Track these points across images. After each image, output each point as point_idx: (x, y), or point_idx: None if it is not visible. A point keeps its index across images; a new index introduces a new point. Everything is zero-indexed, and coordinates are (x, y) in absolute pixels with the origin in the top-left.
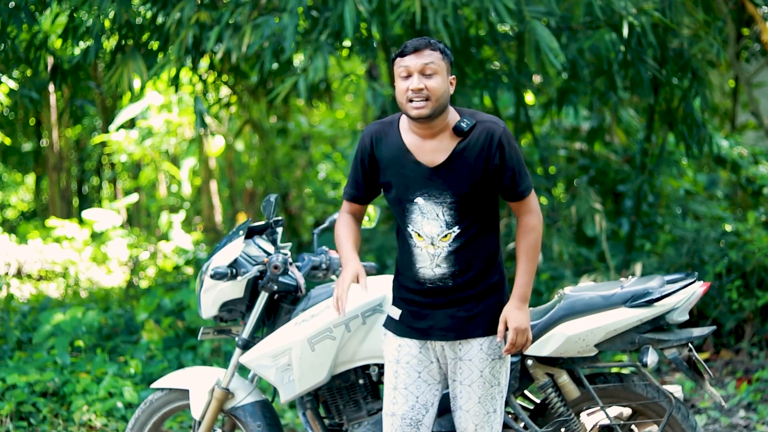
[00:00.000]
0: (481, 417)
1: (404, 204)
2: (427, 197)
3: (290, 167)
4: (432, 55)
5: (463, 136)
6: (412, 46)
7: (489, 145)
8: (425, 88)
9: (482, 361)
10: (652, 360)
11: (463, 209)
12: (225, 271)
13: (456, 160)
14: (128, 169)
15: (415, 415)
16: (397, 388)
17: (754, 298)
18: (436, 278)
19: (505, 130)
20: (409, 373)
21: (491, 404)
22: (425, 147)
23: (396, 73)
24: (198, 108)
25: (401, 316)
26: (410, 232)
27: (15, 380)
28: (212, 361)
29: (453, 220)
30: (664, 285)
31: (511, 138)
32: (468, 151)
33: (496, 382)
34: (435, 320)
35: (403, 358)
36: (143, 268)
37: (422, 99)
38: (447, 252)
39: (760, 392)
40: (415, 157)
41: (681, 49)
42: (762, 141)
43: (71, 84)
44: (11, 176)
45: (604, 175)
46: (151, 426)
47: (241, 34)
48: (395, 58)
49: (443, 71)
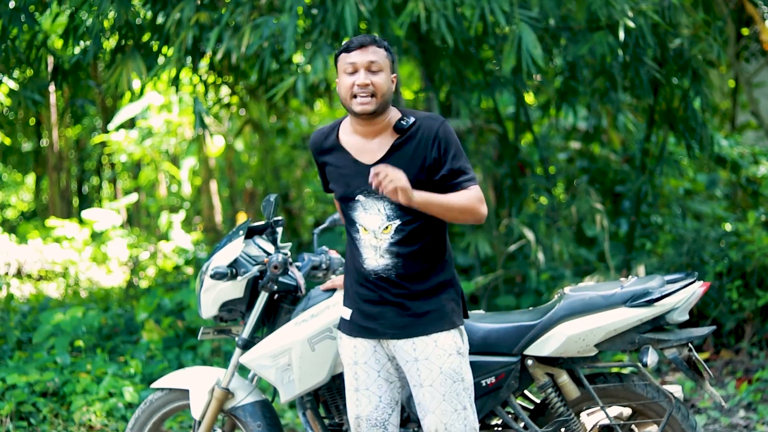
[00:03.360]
0: (449, 415)
1: (347, 202)
2: (366, 194)
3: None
4: (377, 52)
5: (402, 133)
6: (358, 42)
7: (426, 139)
8: (371, 83)
9: (440, 358)
10: (652, 360)
11: None
12: (225, 271)
13: (393, 156)
14: (128, 169)
15: (380, 416)
16: (359, 389)
17: (754, 298)
18: (380, 269)
19: (443, 125)
20: (368, 373)
21: (458, 401)
22: (365, 147)
23: (340, 69)
24: (197, 108)
25: (352, 315)
26: (357, 227)
27: (15, 380)
28: (212, 361)
29: (394, 213)
30: (664, 285)
31: (450, 133)
32: (406, 147)
33: (458, 377)
34: (384, 318)
35: (360, 358)
36: (143, 268)
37: (368, 95)
38: (388, 243)
39: (760, 392)
40: (354, 157)
41: (681, 50)
42: (762, 141)
43: (71, 84)
44: (11, 176)
45: (603, 175)
46: (151, 426)
47: (240, 35)
48: (339, 54)
49: (387, 68)
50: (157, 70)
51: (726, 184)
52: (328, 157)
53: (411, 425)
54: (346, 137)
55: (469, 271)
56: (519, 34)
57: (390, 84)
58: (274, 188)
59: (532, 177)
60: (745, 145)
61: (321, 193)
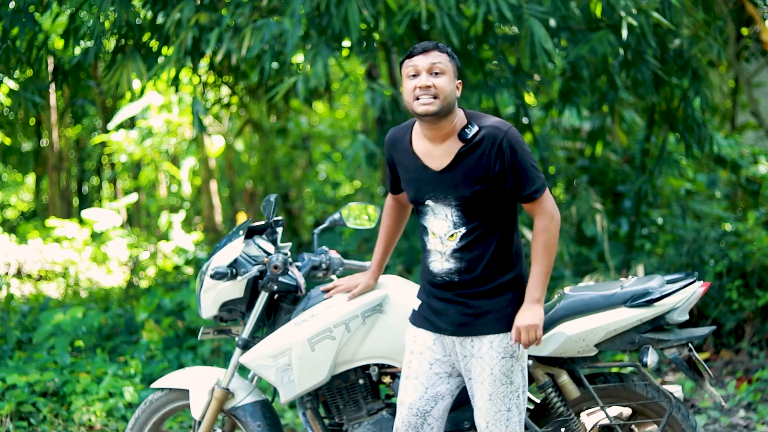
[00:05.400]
0: (492, 414)
1: (418, 205)
2: (435, 199)
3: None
4: (440, 56)
5: (466, 142)
6: (421, 47)
7: (490, 150)
8: (433, 85)
9: (492, 359)
10: (652, 360)
11: (469, 211)
12: (225, 271)
13: (458, 165)
14: (128, 169)
15: (423, 406)
16: (408, 377)
17: (754, 298)
18: (444, 272)
19: (508, 134)
20: (421, 363)
21: (503, 402)
22: (433, 152)
23: (404, 74)
24: (195, 108)
25: (420, 307)
26: (427, 230)
27: (15, 380)
28: (212, 361)
29: (460, 221)
30: (664, 285)
31: (516, 141)
32: (470, 156)
33: (507, 381)
34: (447, 315)
35: (417, 348)
36: (143, 268)
37: (430, 96)
38: (452, 250)
39: (760, 392)
40: (423, 162)
41: (681, 49)
42: (762, 141)
43: (72, 84)
44: (11, 176)
45: (604, 175)
46: (151, 426)
47: (241, 37)
48: (403, 61)
49: (450, 72)
50: (157, 70)
51: (726, 184)
52: (401, 158)
53: None
54: (416, 141)
55: None
56: (530, 30)
57: (453, 88)
58: (274, 188)
59: None
60: (745, 145)
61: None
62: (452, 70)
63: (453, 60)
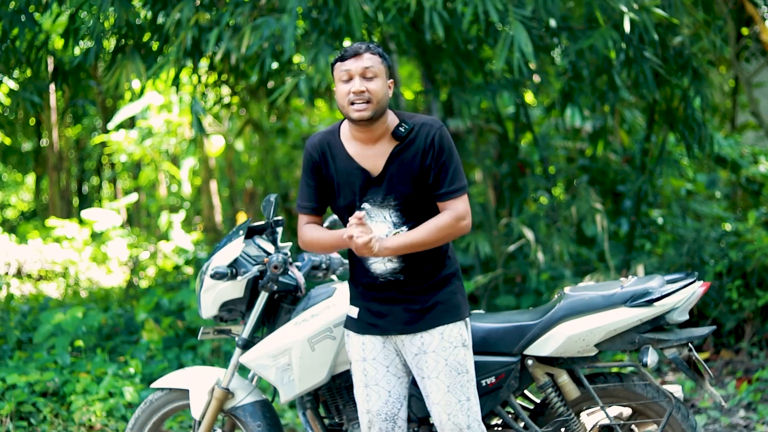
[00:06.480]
0: (452, 406)
1: (353, 210)
2: (373, 202)
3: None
4: (372, 59)
5: (401, 140)
6: (352, 50)
7: (424, 144)
8: (366, 90)
9: (445, 350)
10: (652, 360)
11: (407, 210)
12: (225, 271)
13: (395, 164)
14: (128, 169)
15: (390, 410)
16: (368, 385)
17: (754, 298)
18: (387, 273)
19: (440, 130)
20: (377, 368)
21: (462, 392)
22: (367, 154)
23: (336, 77)
24: (195, 110)
25: (359, 314)
26: None
27: (15, 380)
28: (212, 361)
29: (400, 221)
30: (664, 285)
31: (446, 138)
32: (405, 153)
33: (463, 369)
34: (392, 315)
35: (369, 354)
36: (143, 268)
37: (363, 101)
38: None
39: (760, 392)
40: (359, 164)
41: (681, 49)
42: (762, 141)
43: (72, 84)
44: (11, 176)
45: (604, 175)
46: (151, 426)
47: (240, 35)
48: (335, 63)
49: (383, 74)
50: (156, 69)
51: (726, 184)
52: (335, 163)
53: (411, 425)
54: (347, 144)
55: (469, 270)
56: (512, 34)
57: (386, 90)
58: (274, 188)
59: (532, 177)
60: (745, 145)
61: None
62: (384, 72)
63: (385, 60)
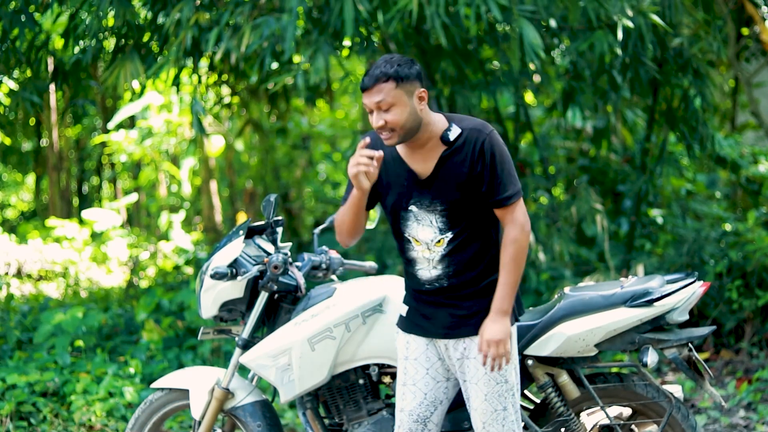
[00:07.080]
0: (488, 415)
1: (400, 212)
2: (419, 205)
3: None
4: (382, 90)
5: (449, 145)
6: (363, 85)
7: (473, 151)
8: (386, 123)
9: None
10: (652, 360)
11: (454, 216)
12: (225, 271)
13: (443, 169)
14: (128, 169)
15: (423, 412)
16: (405, 384)
17: (754, 298)
18: (432, 279)
19: (489, 136)
20: (417, 369)
21: (499, 402)
22: (416, 156)
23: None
24: (195, 109)
25: (408, 312)
26: (407, 237)
27: (15, 380)
28: (212, 361)
29: (445, 227)
30: (664, 285)
31: (496, 144)
32: (454, 158)
33: (502, 379)
34: (437, 319)
35: (411, 354)
36: (143, 268)
37: (387, 131)
38: (440, 256)
39: (760, 392)
40: (409, 166)
41: (681, 49)
42: (762, 141)
43: (72, 84)
44: (11, 176)
45: (604, 175)
46: (151, 426)
47: (240, 35)
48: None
49: (400, 100)
50: (155, 70)
51: (726, 184)
52: (384, 162)
53: None
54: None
55: None
56: (520, 31)
57: (409, 112)
58: (274, 188)
59: (532, 177)
60: (745, 145)
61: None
62: (402, 95)
63: (401, 81)
